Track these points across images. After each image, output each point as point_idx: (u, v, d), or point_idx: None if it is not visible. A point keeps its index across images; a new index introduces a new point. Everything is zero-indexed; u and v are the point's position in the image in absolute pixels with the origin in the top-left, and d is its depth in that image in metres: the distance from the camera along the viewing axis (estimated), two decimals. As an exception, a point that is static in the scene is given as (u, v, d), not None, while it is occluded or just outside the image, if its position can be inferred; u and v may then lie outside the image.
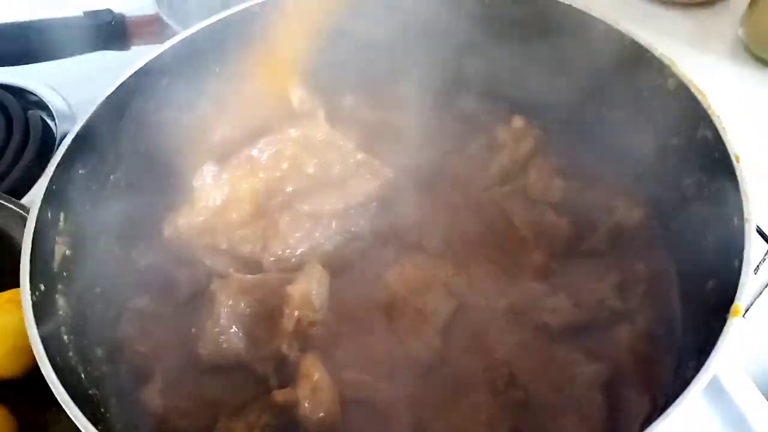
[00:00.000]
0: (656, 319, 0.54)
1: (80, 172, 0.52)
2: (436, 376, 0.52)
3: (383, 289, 0.56)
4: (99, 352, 0.51)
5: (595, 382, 0.50)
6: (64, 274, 0.50)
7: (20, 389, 0.57)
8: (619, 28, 0.57)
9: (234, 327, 0.53)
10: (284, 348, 0.52)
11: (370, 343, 0.54)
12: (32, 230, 0.47)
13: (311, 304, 0.53)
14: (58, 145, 0.83)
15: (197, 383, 0.53)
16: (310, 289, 0.54)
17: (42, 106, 0.88)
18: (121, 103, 0.56)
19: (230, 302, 0.53)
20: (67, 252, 0.50)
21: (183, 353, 0.53)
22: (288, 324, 0.53)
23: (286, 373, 0.52)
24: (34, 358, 0.56)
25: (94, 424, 0.39)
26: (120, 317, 0.55)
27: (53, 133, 0.86)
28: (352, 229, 0.59)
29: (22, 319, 0.55)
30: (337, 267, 0.57)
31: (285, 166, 0.59)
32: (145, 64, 0.57)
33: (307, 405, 0.49)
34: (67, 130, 0.84)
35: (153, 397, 0.51)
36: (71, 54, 0.85)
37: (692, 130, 0.53)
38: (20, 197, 0.75)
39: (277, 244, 0.57)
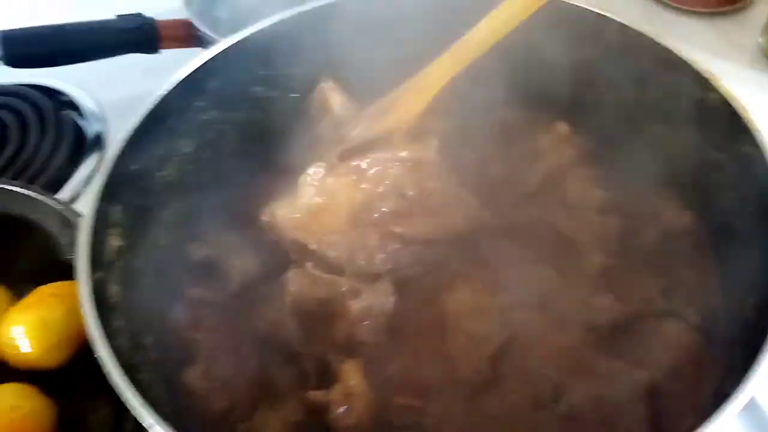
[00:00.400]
0: (699, 329, 0.54)
1: (132, 168, 0.53)
2: (484, 397, 0.52)
3: (439, 315, 0.56)
4: (148, 340, 0.51)
5: (638, 391, 0.51)
6: (117, 263, 0.50)
7: (58, 379, 0.58)
8: (660, 41, 0.58)
9: (293, 317, 0.54)
10: (329, 356, 0.53)
11: (419, 366, 0.54)
12: (91, 221, 0.47)
13: (367, 324, 0.54)
14: (91, 144, 0.85)
15: (241, 366, 0.53)
16: (371, 308, 0.54)
17: (73, 106, 0.89)
18: (172, 104, 0.56)
19: (299, 292, 0.54)
20: (121, 243, 0.51)
21: (234, 335, 0.54)
22: (339, 335, 0.53)
23: (326, 378, 0.52)
24: (75, 350, 0.57)
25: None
26: (171, 306, 0.56)
27: (84, 132, 0.87)
28: (435, 259, 0.59)
29: (65, 313, 0.57)
30: (408, 291, 0.57)
31: (387, 183, 0.59)
32: (203, 63, 0.58)
33: (339, 410, 0.49)
34: (98, 130, 0.87)
35: (196, 377, 0.52)
36: (103, 56, 0.86)
37: (734, 145, 0.53)
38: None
39: (363, 258, 0.57)
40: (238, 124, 0.63)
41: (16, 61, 0.83)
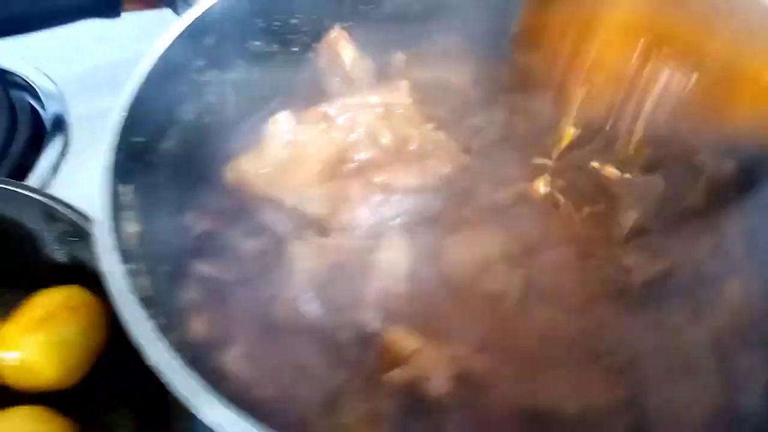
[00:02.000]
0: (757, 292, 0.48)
1: (135, 140, 0.45)
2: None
3: (446, 271, 0.51)
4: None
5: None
6: (134, 249, 0.42)
7: (72, 396, 0.51)
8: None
9: (312, 292, 0.48)
10: (367, 317, 0.47)
11: (452, 319, 0.49)
12: (108, 207, 0.39)
13: (396, 274, 0.49)
14: (52, 127, 0.75)
15: (280, 350, 0.48)
16: (396, 259, 0.49)
17: (26, 87, 0.79)
18: (169, 67, 0.48)
19: (309, 265, 0.48)
20: (138, 228, 0.44)
21: (258, 318, 0.48)
22: (371, 293, 0.48)
23: (366, 344, 0.47)
24: (89, 368, 0.51)
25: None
26: (184, 286, 0.49)
27: (41, 116, 0.77)
28: (422, 210, 0.54)
29: (84, 329, 0.51)
30: (418, 241, 0.52)
31: (361, 131, 0.54)
32: (201, 15, 0.50)
33: (430, 381, 0.44)
34: (57, 111, 0.77)
35: (237, 361, 0.46)
36: (54, 23, 0.75)
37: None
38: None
39: (345, 211, 0.51)
40: (237, 85, 0.55)
41: (-49, 33, 0.72)
